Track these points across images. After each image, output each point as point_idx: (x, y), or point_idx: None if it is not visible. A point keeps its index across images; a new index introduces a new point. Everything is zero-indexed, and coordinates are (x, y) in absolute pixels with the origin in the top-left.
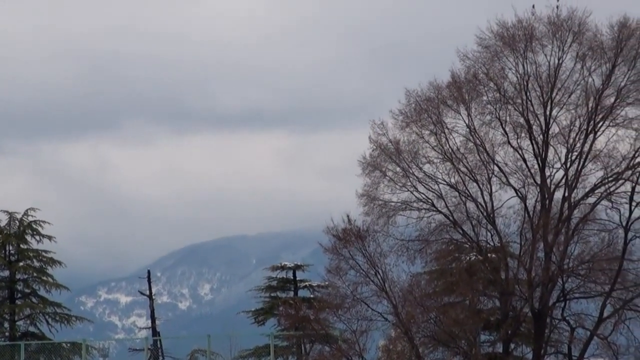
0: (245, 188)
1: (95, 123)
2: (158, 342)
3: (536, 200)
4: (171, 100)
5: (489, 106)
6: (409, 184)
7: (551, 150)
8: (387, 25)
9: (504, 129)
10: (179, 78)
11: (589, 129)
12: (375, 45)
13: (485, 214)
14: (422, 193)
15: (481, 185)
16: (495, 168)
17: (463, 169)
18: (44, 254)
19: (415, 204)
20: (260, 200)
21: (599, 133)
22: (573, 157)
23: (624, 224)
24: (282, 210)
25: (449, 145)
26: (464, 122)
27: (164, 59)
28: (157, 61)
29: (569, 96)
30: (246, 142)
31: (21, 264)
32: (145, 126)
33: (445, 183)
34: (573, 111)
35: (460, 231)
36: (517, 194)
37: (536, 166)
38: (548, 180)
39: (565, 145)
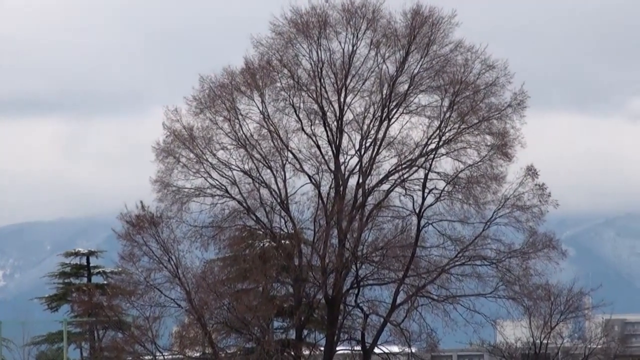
0: (31, 174)
1: None
2: None
3: (330, 187)
4: None
5: (282, 93)
6: (203, 170)
7: (345, 137)
8: (173, 11)
9: (297, 116)
10: None
11: (383, 116)
12: (158, 31)
13: (279, 200)
14: (216, 179)
15: (275, 172)
16: (289, 155)
17: (257, 155)
18: None
19: (209, 190)
20: (49, 187)
21: (392, 120)
22: (367, 144)
23: (417, 210)
24: (74, 196)
25: (243, 131)
26: (258, 108)
27: None
28: None
29: (363, 83)
30: (24, 128)
31: None
32: None
33: (239, 169)
34: (367, 98)
35: (254, 218)
36: (311, 180)
37: (330, 153)
38: (342, 167)
39: (360, 132)
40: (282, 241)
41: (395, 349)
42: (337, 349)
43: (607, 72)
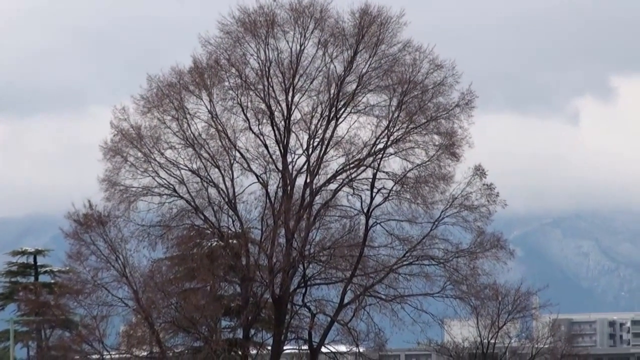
0: None
1: None
2: None
3: (278, 186)
4: None
5: (230, 92)
6: (151, 169)
7: (293, 137)
8: (118, 9)
9: (245, 115)
10: None
11: (331, 115)
12: (103, 29)
13: (226, 199)
14: (164, 178)
15: (223, 171)
16: (237, 154)
17: (205, 154)
18: None
19: (156, 190)
20: None
21: (340, 120)
22: (315, 144)
23: (365, 210)
24: (17, 195)
25: (191, 130)
26: (206, 107)
27: None
28: None
29: (311, 82)
30: None
31: None
32: None
33: (187, 169)
34: (315, 97)
35: (202, 217)
36: (258, 180)
37: (278, 152)
38: (290, 166)
39: (307, 131)
40: (230, 240)
41: (342, 348)
42: (285, 348)
43: (547, 73)
